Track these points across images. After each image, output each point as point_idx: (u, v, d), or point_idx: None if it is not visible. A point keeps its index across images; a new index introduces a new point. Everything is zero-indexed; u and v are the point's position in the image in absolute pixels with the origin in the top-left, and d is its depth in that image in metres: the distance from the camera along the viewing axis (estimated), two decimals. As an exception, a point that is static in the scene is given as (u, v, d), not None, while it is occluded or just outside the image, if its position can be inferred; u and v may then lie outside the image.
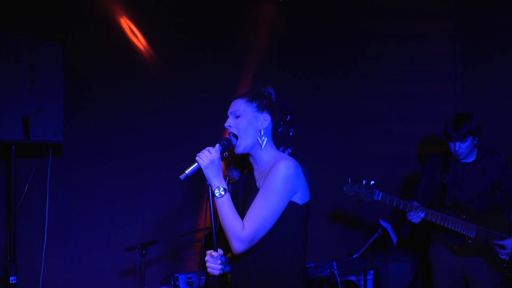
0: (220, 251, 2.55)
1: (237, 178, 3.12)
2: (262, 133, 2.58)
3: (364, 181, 3.99)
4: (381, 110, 5.57)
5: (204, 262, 2.58)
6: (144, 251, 3.90)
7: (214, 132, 4.82)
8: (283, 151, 2.96)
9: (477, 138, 4.05)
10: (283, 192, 2.43)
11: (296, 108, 3.17)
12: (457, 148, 4.04)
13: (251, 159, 2.65)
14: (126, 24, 4.53)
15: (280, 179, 2.42)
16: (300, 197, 2.50)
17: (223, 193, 2.45)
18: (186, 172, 2.46)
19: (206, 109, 4.81)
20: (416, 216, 4.03)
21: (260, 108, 2.60)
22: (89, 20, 4.39)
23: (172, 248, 4.67)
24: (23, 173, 3.98)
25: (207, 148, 2.50)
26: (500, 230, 4.06)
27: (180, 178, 2.44)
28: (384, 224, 4.61)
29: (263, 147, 2.57)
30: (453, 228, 4.02)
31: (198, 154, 2.48)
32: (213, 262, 2.54)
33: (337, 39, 5.45)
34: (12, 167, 3.78)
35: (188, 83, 4.80)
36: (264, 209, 2.41)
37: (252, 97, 2.62)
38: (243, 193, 2.69)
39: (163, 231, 4.57)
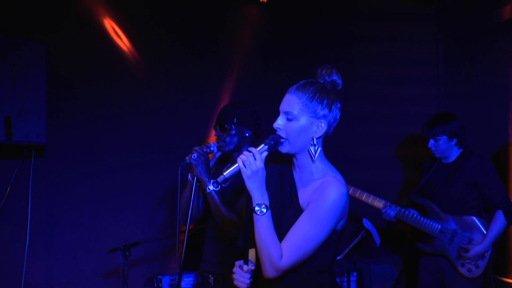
0: (251, 264, 2.27)
1: (206, 180, 3.03)
2: (315, 142, 2.24)
3: None
4: (363, 111, 5.58)
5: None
6: (127, 253, 3.88)
7: (197, 133, 4.83)
8: None
9: (455, 139, 4.00)
10: (332, 223, 2.15)
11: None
12: (429, 145, 4.05)
13: (294, 160, 2.32)
14: (109, 25, 4.52)
15: (331, 209, 2.13)
16: (342, 224, 2.24)
17: (264, 211, 2.13)
18: (225, 174, 2.16)
19: (189, 110, 4.82)
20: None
21: (318, 113, 2.22)
22: (73, 21, 4.37)
23: (156, 250, 4.66)
24: (5, 175, 3.96)
25: (252, 150, 2.15)
26: (473, 233, 3.94)
27: (217, 181, 2.16)
28: (367, 225, 4.63)
29: (315, 158, 2.24)
30: (414, 224, 4.06)
31: (240, 157, 2.14)
32: (242, 276, 2.25)
33: (320, 41, 5.47)
34: (-7, 168, 3.76)
35: (172, 84, 4.80)
36: (308, 241, 2.12)
37: (312, 95, 2.21)
38: (279, 189, 2.34)
39: (146, 232, 4.56)
